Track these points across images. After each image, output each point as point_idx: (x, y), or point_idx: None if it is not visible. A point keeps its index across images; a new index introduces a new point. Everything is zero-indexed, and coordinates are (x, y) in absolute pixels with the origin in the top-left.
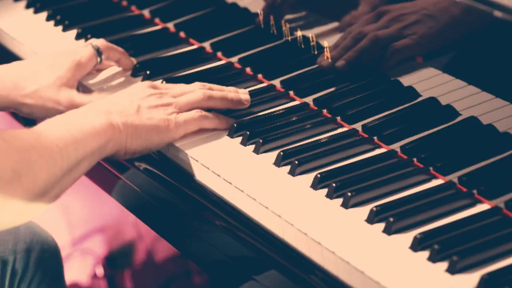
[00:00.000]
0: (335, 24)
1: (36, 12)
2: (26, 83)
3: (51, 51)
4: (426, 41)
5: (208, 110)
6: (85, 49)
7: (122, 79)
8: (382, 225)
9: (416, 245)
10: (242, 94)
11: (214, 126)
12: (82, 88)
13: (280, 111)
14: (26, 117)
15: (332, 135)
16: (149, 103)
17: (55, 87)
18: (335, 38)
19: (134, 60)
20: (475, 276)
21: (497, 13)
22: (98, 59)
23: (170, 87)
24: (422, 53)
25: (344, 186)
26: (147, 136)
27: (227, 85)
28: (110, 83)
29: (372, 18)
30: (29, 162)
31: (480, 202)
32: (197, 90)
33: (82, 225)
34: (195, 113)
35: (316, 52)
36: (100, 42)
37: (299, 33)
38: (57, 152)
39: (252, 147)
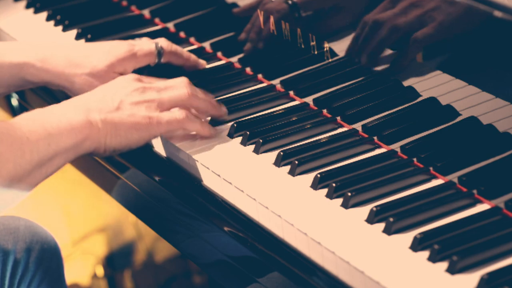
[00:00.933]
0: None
1: (36, 12)
2: (81, 62)
3: None
4: (445, 28)
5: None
6: (147, 43)
7: None
8: (382, 225)
9: (416, 245)
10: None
11: (196, 130)
12: None
13: (280, 111)
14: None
15: (332, 135)
16: (132, 99)
17: (105, 72)
18: (335, 38)
19: (204, 63)
20: (475, 276)
21: (497, 13)
22: (156, 60)
23: (154, 81)
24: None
25: (344, 186)
26: (127, 133)
27: (227, 85)
28: None
29: (388, 4)
30: None
31: (480, 202)
32: (182, 88)
33: (82, 225)
34: (180, 114)
35: (316, 52)
36: (166, 44)
37: (299, 33)
38: (27, 145)
39: (252, 147)
